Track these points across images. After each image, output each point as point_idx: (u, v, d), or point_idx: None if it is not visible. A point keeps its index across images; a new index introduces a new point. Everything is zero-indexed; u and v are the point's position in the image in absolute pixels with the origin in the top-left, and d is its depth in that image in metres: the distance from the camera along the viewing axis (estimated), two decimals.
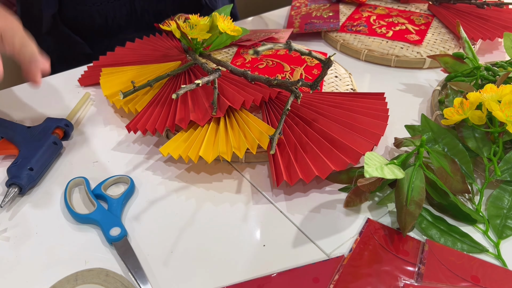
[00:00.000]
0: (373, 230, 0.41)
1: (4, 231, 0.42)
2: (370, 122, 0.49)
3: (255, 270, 0.39)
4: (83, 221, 0.43)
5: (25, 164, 0.46)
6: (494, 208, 0.43)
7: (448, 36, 0.71)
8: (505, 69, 0.57)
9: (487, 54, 0.70)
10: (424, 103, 0.59)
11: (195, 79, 0.57)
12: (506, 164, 0.45)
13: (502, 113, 0.43)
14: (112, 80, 0.57)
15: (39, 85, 0.47)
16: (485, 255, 0.40)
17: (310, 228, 0.42)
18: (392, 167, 0.40)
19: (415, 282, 0.37)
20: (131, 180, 0.46)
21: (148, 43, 0.67)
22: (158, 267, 0.39)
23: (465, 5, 0.76)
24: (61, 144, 0.50)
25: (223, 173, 0.48)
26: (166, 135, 0.53)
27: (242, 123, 0.50)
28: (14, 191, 0.44)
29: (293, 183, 0.44)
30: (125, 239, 0.41)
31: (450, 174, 0.43)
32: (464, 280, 0.37)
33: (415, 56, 0.66)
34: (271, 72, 0.61)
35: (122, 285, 0.37)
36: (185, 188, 0.47)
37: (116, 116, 0.57)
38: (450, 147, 0.47)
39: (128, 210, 0.44)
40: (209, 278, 0.38)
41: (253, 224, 0.43)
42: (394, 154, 0.51)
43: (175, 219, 0.43)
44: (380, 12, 0.78)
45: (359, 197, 0.44)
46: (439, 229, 0.42)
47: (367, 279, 0.37)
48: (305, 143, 0.47)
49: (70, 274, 0.38)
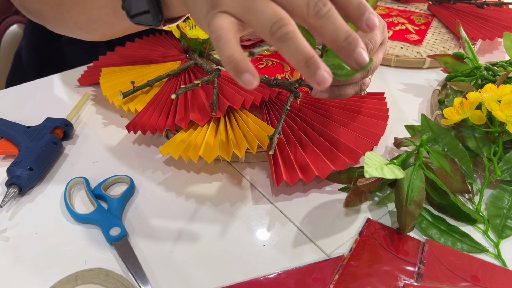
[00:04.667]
0: (373, 230, 0.41)
1: (4, 231, 0.42)
2: (370, 122, 0.49)
3: (255, 270, 0.39)
4: (83, 221, 0.43)
5: (25, 164, 0.46)
6: (494, 208, 0.43)
7: (448, 36, 0.71)
8: (505, 69, 0.57)
9: (487, 54, 0.70)
10: (424, 103, 0.59)
11: (194, 79, 0.57)
12: (506, 164, 0.45)
13: (502, 113, 0.43)
14: (112, 80, 0.57)
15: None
16: (485, 255, 0.40)
17: (310, 228, 0.42)
18: (392, 167, 0.40)
19: (415, 282, 0.37)
20: (131, 180, 0.46)
21: (148, 43, 0.67)
22: (158, 267, 0.39)
23: (465, 5, 0.76)
24: (61, 144, 0.50)
25: (223, 173, 0.48)
26: (166, 135, 0.53)
27: (242, 123, 0.50)
28: (14, 191, 0.44)
29: (293, 183, 0.44)
30: (125, 239, 0.41)
31: (450, 174, 0.43)
32: (464, 280, 0.37)
33: (415, 56, 0.66)
34: (271, 72, 0.61)
35: (122, 285, 0.37)
36: (185, 188, 0.47)
37: (116, 116, 0.57)
38: (450, 147, 0.47)
39: (128, 210, 0.44)
40: (209, 278, 0.38)
41: (253, 224, 0.43)
42: (394, 154, 0.51)
43: (175, 219, 0.43)
44: (380, 12, 0.78)
45: (359, 197, 0.44)
46: (439, 229, 0.42)
47: (367, 279, 0.37)
48: (305, 143, 0.47)
49: (70, 274, 0.38)
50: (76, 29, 0.47)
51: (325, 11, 0.30)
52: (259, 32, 0.31)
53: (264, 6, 0.30)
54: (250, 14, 0.31)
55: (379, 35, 0.44)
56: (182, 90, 0.51)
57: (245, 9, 0.31)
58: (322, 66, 0.30)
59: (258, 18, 0.30)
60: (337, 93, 0.43)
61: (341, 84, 0.43)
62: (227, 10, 0.32)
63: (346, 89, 0.43)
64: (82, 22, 0.45)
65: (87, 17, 0.44)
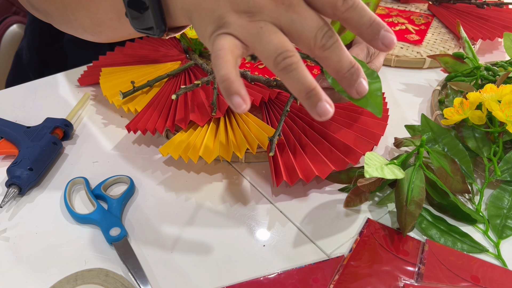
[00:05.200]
0: (373, 230, 0.41)
1: (4, 231, 0.42)
2: (370, 122, 0.49)
3: (255, 270, 0.39)
4: (83, 221, 0.43)
5: (25, 164, 0.46)
6: (494, 208, 0.43)
7: (448, 36, 0.71)
8: (505, 69, 0.57)
9: (487, 54, 0.70)
10: (424, 103, 0.59)
11: (195, 79, 0.57)
12: (506, 164, 0.45)
13: (502, 113, 0.43)
14: (112, 80, 0.57)
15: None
16: (485, 255, 0.40)
17: (310, 228, 0.42)
18: (392, 167, 0.40)
19: (415, 282, 0.37)
20: (131, 180, 0.46)
21: (148, 43, 0.67)
22: (158, 267, 0.39)
23: (465, 5, 0.76)
24: (60, 144, 0.50)
25: (223, 173, 0.48)
26: (166, 135, 0.53)
27: (242, 123, 0.50)
28: (14, 191, 0.44)
29: (293, 183, 0.44)
30: (125, 239, 0.41)
31: (450, 174, 0.43)
32: (464, 280, 0.37)
33: (415, 56, 0.66)
34: (271, 72, 0.61)
35: (122, 285, 0.37)
36: (185, 188, 0.47)
37: (116, 116, 0.57)
38: (450, 147, 0.47)
39: (128, 210, 0.44)
40: (209, 278, 0.38)
41: (253, 224, 0.43)
42: (394, 154, 0.51)
43: (175, 219, 0.43)
44: (380, 12, 0.78)
45: (359, 197, 0.44)
46: (439, 229, 0.42)
47: (367, 279, 0.37)
48: (305, 143, 0.47)
49: (70, 274, 0.38)
50: (81, 30, 0.48)
51: (330, 44, 0.31)
52: (263, 59, 0.31)
53: (271, 36, 0.31)
54: (256, 41, 0.31)
55: None
56: (182, 90, 0.51)
57: (252, 36, 0.31)
58: (324, 97, 0.30)
59: (264, 47, 0.31)
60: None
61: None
62: (233, 33, 0.32)
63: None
64: (87, 24, 0.46)
65: (92, 20, 0.45)
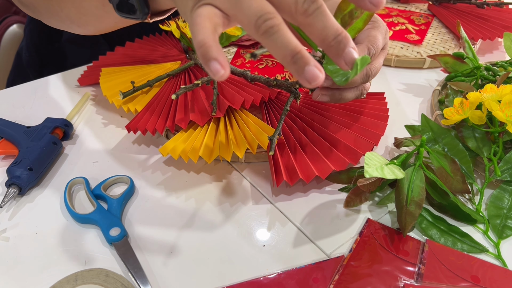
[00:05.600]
0: (373, 230, 0.41)
1: (4, 231, 0.42)
2: (370, 122, 0.49)
3: (255, 270, 0.39)
4: (83, 221, 0.43)
5: (24, 164, 0.46)
6: (494, 208, 0.43)
7: (448, 36, 0.71)
8: (505, 69, 0.57)
9: (487, 54, 0.70)
10: (424, 103, 0.59)
11: (194, 79, 0.57)
12: (506, 164, 0.45)
13: (502, 113, 0.43)
14: (112, 80, 0.57)
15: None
16: (485, 255, 0.40)
17: (310, 228, 0.42)
18: (392, 167, 0.40)
19: (415, 282, 0.37)
20: (131, 180, 0.46)
21: (148, 43, 0.67)
22: (158, 267, 0.39)
23: (465, 5, 0.76)
24: (60, 144, 0.50)
25: (223, 173, 0.48)
26: (166, 135, 0.53)
27: (242, 123, 0.50)
28: (14, 191, 0.44)
29: (293, 183, 0.44)
30: (125, 239, 0.41)
31: (450, 174, 0.43)
32: (464, 280, 0.37)
33: (415, 56, 0.66)
34: (271, 72, 0.61)
35: (122, 285, 0.37)
36: (185, 188, 0.47)
37: (116, 116, 0.57)
38: (450, 147, 0.47)
39: (128, 210, 0.44)
40: (209, 278, 0.38)
41: (253, 224, 0.43)
42: (394, 154, 0.51)
43: (175, 219, 0.43)
44: (380, 12, 0.77)
45: (359, 197, 0.44)
46: (439, 229, 0.42)
47: (367, 279, 0.37)
48: (305, 143, 0.47)
49: (70, 274, 0.38)
50: (68, 22, 0.48)
51: (313, 9, 0.29)
52: (245, 27, 0.30)
53: (251, 1, 0.29)
54: (236, 7, 0.30)
55: (381, 40, 0.44)
56: (182, 90, 0.51)
57: (232, 2, 0.30)
58: (312, 61, 0.28)
59: (244, 12, 0.29)
60: (338, 96, 0.43)
61: (342, 87, 0.43)
62: (213, 2, 0.31)
63: (347, 93, 0.43)
64: (72, 14, 0.46)
65: (77, 9, 0.45)
